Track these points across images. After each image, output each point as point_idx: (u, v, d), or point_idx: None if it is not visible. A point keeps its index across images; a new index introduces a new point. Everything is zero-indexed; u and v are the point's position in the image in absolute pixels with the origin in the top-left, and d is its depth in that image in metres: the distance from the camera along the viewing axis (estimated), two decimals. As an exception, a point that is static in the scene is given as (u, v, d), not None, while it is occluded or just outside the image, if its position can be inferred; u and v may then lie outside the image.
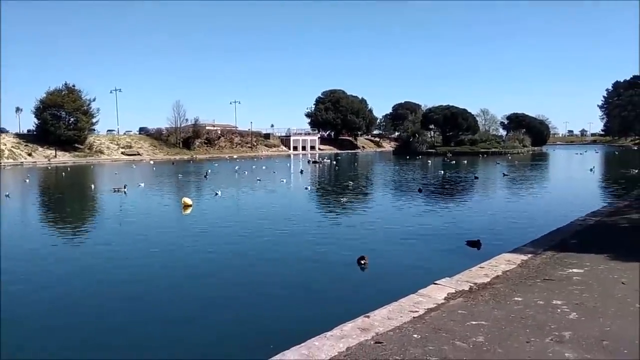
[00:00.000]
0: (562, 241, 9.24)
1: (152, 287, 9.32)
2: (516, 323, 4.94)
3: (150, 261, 11.23)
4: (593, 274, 6.74)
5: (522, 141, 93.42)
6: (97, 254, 12.07)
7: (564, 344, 4.37)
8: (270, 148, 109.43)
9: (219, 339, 6.76)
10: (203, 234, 14.43)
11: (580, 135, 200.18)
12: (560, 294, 5.88)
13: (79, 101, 79.30)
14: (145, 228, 15.82)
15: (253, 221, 16.46)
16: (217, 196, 24.16)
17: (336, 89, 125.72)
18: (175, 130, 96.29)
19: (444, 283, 6.50)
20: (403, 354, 4.22)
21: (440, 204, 20.74)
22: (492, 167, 47.55)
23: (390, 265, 10.40)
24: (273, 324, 7.21)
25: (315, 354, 4.25)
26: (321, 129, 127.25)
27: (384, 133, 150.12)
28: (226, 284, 9.37)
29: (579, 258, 7.71)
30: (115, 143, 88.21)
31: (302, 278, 9.67)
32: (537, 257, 7.95)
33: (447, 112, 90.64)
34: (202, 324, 7.30)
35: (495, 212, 17.86)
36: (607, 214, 12.81)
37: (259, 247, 12.45)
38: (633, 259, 7.47)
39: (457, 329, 4.82)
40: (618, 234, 10.18)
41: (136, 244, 13.35)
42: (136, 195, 25.53)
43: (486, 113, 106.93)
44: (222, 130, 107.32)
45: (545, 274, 6.86)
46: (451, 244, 12.09)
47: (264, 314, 7.66)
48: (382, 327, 4.88)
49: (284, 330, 6.65)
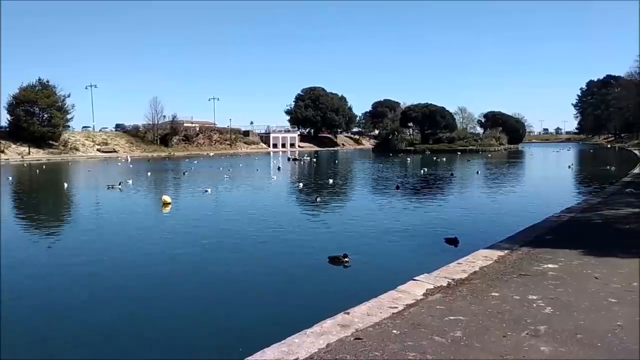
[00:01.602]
0: (538, 237, 9.42)
1: (125, 285, 9.17)
2: (493, 318, 5.02)
3: (124, 260, 11.08)
4: (567, 269, 6.89)
5: (499, 139, 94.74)
6: (74, 253, 11.84)
7: (539, 338, 4.46)
8: (250, 145, 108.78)
9: (196, 339, 6.70)
10: (180, 231, 14.29)
11: (555, 134, 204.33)
12: (536, 289, 5.99)
13: (53, 97, 77.47)
14: (121, 225, 15.60)
15: (231, 219, 16.35)
16: (207, 193, 24.03)
17: (316, 86, 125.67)
18: (152, 127, 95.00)
19: (423, 279, 6.56)
20: (382, 349, 4.25)
21: (418, 201, 20.92)
22: (468, 165, 48.17)
23: (370, 262, 10.45)
24: (252, 322, 7.18)
25: (295, 351, 4.26)
26: (301, 126, 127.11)
27: (364, 131, 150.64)
28: (203, 282, 9.29)
29: (554, 254, 7.87)
30: (90, 140, 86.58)
31: (281, 276, 9.64)
32: (513, 253, 8.09)
33: (426, 110, 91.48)
34: (179, 324, 7.22)
35: (473, 208, 18.09)
36: (580, 211, 13.09)
37: (237, 245, 12.39)
38: (605, 254, 7.67)
39: (436, 324, 4.88)
40: (591, 230, 10.41)
41: (110, 243, 13.13)
42: (123, 194, 25.13)
43: (464, 111, 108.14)
44: (201, 127, 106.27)
45: (521, 269, 6.98)
46: (430, 241, 12.21)
47: (243, 312, 7.63)
48: (361, 324, 4.91)
49: (264, 328, 6.63)
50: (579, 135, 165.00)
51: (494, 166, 45.70)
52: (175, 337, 6.76)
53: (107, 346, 6.51)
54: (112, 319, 7.41)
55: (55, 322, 7.37)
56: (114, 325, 7.18)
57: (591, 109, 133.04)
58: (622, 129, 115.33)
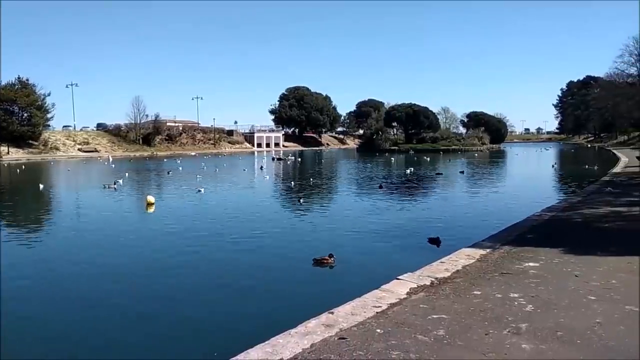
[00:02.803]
0: (519, 236, 9.54)
1: (108, 284, 9.07)
2: (475, 316, 5.07)
3: (106, 259, 10.96)
4: (548, 268, 7.00)
5: (481, 139, 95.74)
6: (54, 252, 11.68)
7: (520, 336, 4.53)
8: (234, 145, 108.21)
9: (180, 339, 6.65)
10: (163, 232, 14.18)
11: (537, 133, 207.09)
12: (517, 287, 6.07)
13: (33, 96, 76.16)
14: (105, 225, 15.42)
15: (216, 219, 16.28)
16: (200, 193, 23.89)
17: (300, 86, 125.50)
18: (134, 127, 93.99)
19: (406, 278, 6.60)
20: (366, 349, 4.27)
21: (401, 201, 21.06)
22: (451, 165, 48.58)
23: (354, 261, 10.49)
24: (237, 322, 7.16)
25: (279, 352, 4.25)
26: (285, 126, 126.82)
27: (348, 130, 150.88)
28: (187, 283, 9.22)
29: (535, 252, 7.98)
30: (71, 139, 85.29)
31: (266, 277, 9.62)
32: (495, 251, 8.18)
33: (410, 110, 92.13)
34: (162, 323, 7.17)
35: (456, 207, 18.27)
36: (561, 210, 13.30)
37: (220, 246, 12.32)
38: (585, 253, 7.80)
39: (419, 322, 4.91)
40: (571, 228, 10.58)
41: (92, 243, 12.96)
42: (110, 193, 24.80)
43: (447, 111, 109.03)
44: (184, 126, 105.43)
45: (503, 267, 7.07)
46: (413, 240, 12.29)
47: (228, 313, 7.61)
48: (346, 323, 4.92)
49: (248, 328, 6.62)
50: (559, 135, 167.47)
51: (478, 166, 46.16)
52: (156, 339, 6.70)
53: (82, 350, 6.43)
54: (88, 320, 7.32)
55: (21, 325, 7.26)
56: (90, 326, 7.09)
57: (571, 109, 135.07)
58: (602, 129, 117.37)
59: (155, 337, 6.77)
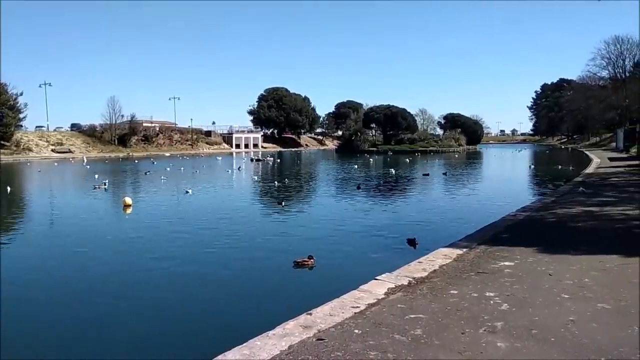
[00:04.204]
0: (495, 235, 9.67)
1: (82, 287, 8.88)
2: (452, 315, 5.12)
3: (81, 262, 10.74)
4: (523, 267, 7.11)
5: (458, 140, 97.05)
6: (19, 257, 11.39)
7: (496, 334, 4.58)
8: (212, 146, 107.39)
9: (155, 342, 6.55)
10: (142, 233, 13.96)
11: (512, 135, 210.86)
12: (493, 286, 6.15)
13: (5, 95, 74.44)
14: (80, 228, 15.12)
15: (194, 220, 16.11)
16: (188, 194, 23.58)
17: (279, 87, 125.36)
18: (110, 127, 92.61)
19: (384, 278, 6.63)
20: (344, 349, 4.27)
21: (380, 201, 21.17)
22: (430, 165, 49.07)
23: (333, 262, 10.48)
24: (214, 325, 7.09)
25: (256, 354, 4.22)
26: (264, 126, 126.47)
27: (327, 131, 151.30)
28: (162, 285, 9.08)
29: (510, 251, 8.09)
30: (44, 140, 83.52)
31: (244, 279, 9.56)
32: (471, 251, 8.28)
33: (388, 112, 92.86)
34: (136, 329, 7.05)
35: (434, 207, 18.44)
36: (535, 209, 13.53)
37: (200, 247, 12.18)
38: (558, 252, 7.94)
39: (397, 322, 4.93)
40: (545, 228, 10.76)
41: (64, 245, 12.70)
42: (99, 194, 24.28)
43: (424, 113, 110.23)
44: (161, 127, 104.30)
45: (479, 267, 7.15)
46: (392, 240, 12.35)
47: (205, 316, 7.51)
48: (324, 324, 4.91)
49: (226, 331, 6.56)
50: (534, 137, 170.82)
51: (459, 166, 46.68)
52: (132, 342, 6.58)
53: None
54: (55, 328, 7.17)
55: None
56: (58, 336, 6.94)
57: (545, 111, 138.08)
58: (574, 131, 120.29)
59: (129, 342, 6.64)
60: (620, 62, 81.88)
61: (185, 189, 24.85)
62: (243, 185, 31.08)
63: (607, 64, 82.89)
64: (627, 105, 70.81)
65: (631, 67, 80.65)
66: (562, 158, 54.94)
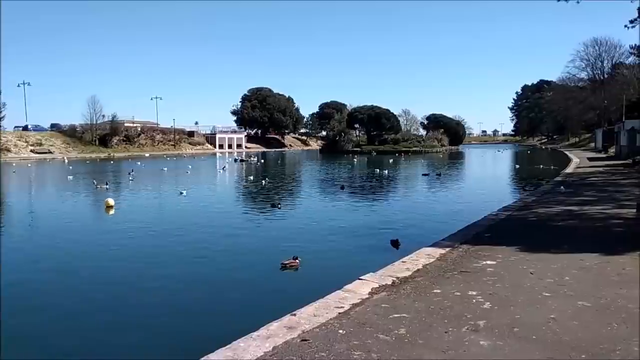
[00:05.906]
0: (477, 235, 9.77)
1: (61, 292, 8.74)
2: (435, 314, 5.15)
3: (61, 265, 10.56)
4: (504, 266, 7.19)
5: (441, 140, 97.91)
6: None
7: (478, 333, 4.62)
8: (195, 146, 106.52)
9: (138, 344, 6.47)
10: (125, 235, 13.77)
11: (493, 135, 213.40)
12: (476, 285, 6.20)
13: (-18, 95, 72.98)
14: (61, 229, 14.88)
15: (177, 221, 15.96)
16: (182, 195, 23.23)
17: (262, 87, 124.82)
18: (90, 127, 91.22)
19: (368, 278, 6.64)
20: (329, 350, 4.27)
21: (364, 201, 21.22)
22: (412, 165, 49.35)
23: (317, 263, 10.46)
24: (198, 327, 7.02)
25: (240, 355, 4.19)
26: (248, 127, 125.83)
27: (311, 132, 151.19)
28: (146, 287, 8.97)
29: (492, 250, 8.18)
30: (23, 140, 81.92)
31: (227, 280, 9.49)
32: (454, 250, 8.35)
33: (372, 112, 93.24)
34: (120, 330, 6.95)
35: (417, 207, 18.54)
36: (517, 209, 13.70)
37: (184, 248, 12.06)
38: (539, 251, 8.06)
39: (381, 322, 4.95)
40: (526, 227, 10.90)
41: (46, 247, 12.48)
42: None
43: (407, 113, 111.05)
44: (143, 127, 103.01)
45: (461, 266, 7.22)
46: (376, 240, 12.38)
47: (189, 318, 7.44)
48: (308, 325, 4.90)
49: (210, 333, 6.49)
50: (514, 137, 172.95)
51: (448, 166, 47.00)
52: (115, 344, 6.49)
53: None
54: (36, 331, 7.04)
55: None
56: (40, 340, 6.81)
57: (526, 112, 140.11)
58: (554, 131, 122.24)
59: (113, 343, 6.55)
60: (599, 64, 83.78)
61: (180, 190, 24.62)
62: (229, 186, 30.86)
63: (586, 66, 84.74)
64: (606, 106, 72.29)
65: (609, 68, 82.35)
66: (543, 158, 55.74)
